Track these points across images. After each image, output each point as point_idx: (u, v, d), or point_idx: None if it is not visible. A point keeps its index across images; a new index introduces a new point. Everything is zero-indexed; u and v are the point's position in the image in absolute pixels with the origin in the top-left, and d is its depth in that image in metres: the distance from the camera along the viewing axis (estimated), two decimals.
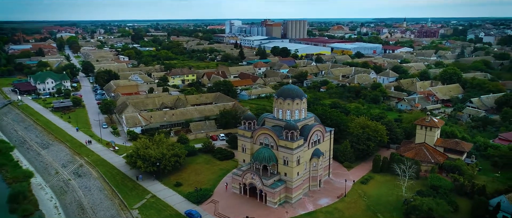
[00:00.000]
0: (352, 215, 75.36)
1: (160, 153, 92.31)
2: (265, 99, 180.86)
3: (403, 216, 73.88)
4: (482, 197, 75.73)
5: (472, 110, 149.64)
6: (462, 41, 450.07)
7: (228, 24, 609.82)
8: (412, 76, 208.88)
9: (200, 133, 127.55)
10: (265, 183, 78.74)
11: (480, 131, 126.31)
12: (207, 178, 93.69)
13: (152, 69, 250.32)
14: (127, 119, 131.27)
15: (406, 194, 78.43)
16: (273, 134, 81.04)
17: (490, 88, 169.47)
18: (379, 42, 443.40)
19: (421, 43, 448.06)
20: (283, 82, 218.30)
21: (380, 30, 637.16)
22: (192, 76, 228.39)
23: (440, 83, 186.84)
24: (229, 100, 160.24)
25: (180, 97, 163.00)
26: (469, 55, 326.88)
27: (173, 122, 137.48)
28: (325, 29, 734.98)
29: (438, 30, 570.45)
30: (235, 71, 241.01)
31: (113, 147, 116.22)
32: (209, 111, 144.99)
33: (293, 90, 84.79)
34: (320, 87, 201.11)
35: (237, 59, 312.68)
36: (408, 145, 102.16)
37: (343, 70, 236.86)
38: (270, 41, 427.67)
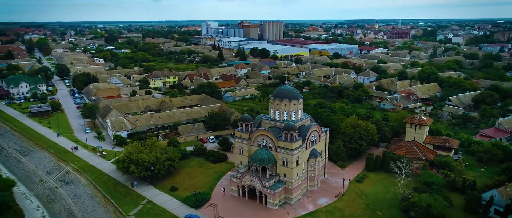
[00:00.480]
0: (352, 213, 76.34)
1: (153, 157, 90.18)
2: (250, 100, 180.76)
3: (401, 213, 75.54)
4: (474, 191, 78.56)
5: (451, 107, 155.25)
6: (432, 42, 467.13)
7: (204, 26, 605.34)
8: (391, 76, 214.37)
9: (189, 135, 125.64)
10: (265, 184, 78.47)
11: (461, 128, 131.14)
12: (203, 181, 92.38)
13: (131, 72, 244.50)
14: (112, 123, 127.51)
15: (403, 191, 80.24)
16: (271, 135, 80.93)
17: (466, 87, 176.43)
18: (354, 43, 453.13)
19: (394, 43, 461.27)
20: (266, 83, 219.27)
21: (354, 31, 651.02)
22: (173, 78, 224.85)
23: (419, 83, 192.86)
24: (215, 102, 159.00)
25: (164, 99, 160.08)
26: (440, 55, 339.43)
27: (160, 125, 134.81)
28: (300, 30, 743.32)
29: (409, 31, 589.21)
30: (217, 73, 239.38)
31: (101, 152, 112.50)
32: (196, 113, 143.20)
33: (290, 91, 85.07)
34: (303, 88, 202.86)
35: (216, 60, 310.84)
36: (398, 143, 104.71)
37: (324, 71, 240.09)
38: (248, 42, 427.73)
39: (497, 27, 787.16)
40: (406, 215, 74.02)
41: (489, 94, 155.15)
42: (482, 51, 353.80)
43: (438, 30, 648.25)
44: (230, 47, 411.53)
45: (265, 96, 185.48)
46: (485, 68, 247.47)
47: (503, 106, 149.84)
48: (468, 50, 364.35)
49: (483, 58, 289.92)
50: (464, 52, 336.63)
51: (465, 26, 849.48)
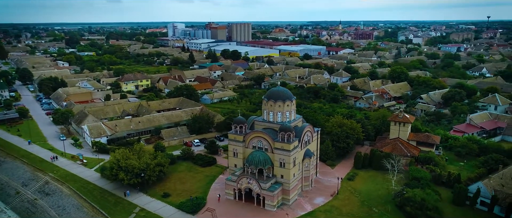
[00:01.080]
0: (350, 211, 77.72)
1: (143, 163, 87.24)
2: (228, 102, 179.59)
3: (396, 208, 77.88)
4: (460, 185, 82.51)
5: (423, 105, 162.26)
6: (395, 43, 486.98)
7: (171, 27, 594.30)
8: (363, 76, 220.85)
9: (172, 139, 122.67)
10: (263, 186, 78.11)
11: (435, 124, 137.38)
12: (195, 186, 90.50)
13: (101, 75, 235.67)
14: (90, 129, 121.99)
15: (396, 187, 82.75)
16: (267, 137, 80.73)
17: (434, 85, 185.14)
18: (321, 44, 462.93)
19: (359, 44, 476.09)
20: (242, 85, 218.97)
21: (319, 32, 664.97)
22: (146, 81, 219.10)
23: (390, 82, 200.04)
24: (195, 104, 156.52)
25: (142, 103, 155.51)
26: (404, 55, 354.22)
27: (140, 129, 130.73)
28: (266, 31, 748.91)
29: (372, 33, 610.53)
30: (191, 75, 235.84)
31: (81, 160, 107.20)
32: (177, 117, 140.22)
33: (283, 92, 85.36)
34: None
35: (187, 63, 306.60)
36: (382, 140, 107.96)
37: (298, 72, 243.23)
38: (217, 44, 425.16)
39: (450, 28, 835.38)
40: (401, 210, 76.41)
41: (457, 92, 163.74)
42: (441, 51, 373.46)
43: (398, 31, 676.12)
44: (199, 49, 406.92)
45: (243, 98, 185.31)
46: (447, 67, 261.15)
47: (470, 103, 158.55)
48: (428, 50, 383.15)
49: (444, 57, 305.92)
50: (425, 52, 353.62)
51: (422, 27, 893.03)
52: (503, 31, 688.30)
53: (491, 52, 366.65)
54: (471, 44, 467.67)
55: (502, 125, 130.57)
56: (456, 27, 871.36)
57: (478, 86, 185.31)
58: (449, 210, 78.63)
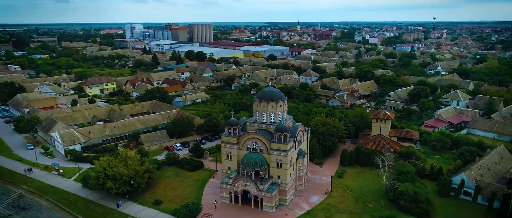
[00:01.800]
0: (347, 208, 79.24)
1: (132, 170, 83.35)
2: (201, 104, 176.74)
3: (389, 202, 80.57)
4: (445, 177, 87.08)
5: (392, 102, 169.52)
6: (353, 43, 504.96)
7: (129, 29, 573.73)
8: (331, 75, 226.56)
9: (153, 144, 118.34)
10: (261, 188, 77.54)
11: (407, 120, 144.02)
12: (186, 191, 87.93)
13: (60, 79, 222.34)
14: (62, 137, 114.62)
15: (387, 182, 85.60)
16: (263, 138, 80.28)
17: (399, 83, 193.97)
18: (284, 44, 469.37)
19: (319, 45, 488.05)
20: (212, 86, 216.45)
21: (279, 33, 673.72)
22: (112, 85, 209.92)
23: (358, 81, 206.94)
24: (170, 108, 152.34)
25: (113, 108, 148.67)
26: (363, 55, 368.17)
27: (116, 135, 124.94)
28: (227, 32, 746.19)
29: (330, 33, 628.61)
30: (158, 78, 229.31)
31: (57, 170, 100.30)
32: (153, 121, 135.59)
33: (275, 92, 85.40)
34: (250, 89, 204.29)
35: (151, 65, 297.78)
36: (365, 137, 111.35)
37: (267, 72, 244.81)
38: (180, 45, 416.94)
39: (400, 29, 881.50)
40: (395, 204, 79.17)
41: (423, 89, 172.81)
42: (397, 51, 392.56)
43: (354, 32, 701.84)
44: (162, 51, 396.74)
45: (217, 99, 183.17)
46: (406, 66, 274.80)
47: (434, 99, 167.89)
48: (385, 50, 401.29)
49: (401, 57, 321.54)
50: (383, 52, 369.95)
51: (375, 28, 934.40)
52: (448, 32, 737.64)
53: (441, 51, 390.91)
54: (422, 43, 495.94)
55: (467, 119, 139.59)
56: (406, 28, 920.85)
57: (438, 84, 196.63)
58: (436, 201, 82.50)
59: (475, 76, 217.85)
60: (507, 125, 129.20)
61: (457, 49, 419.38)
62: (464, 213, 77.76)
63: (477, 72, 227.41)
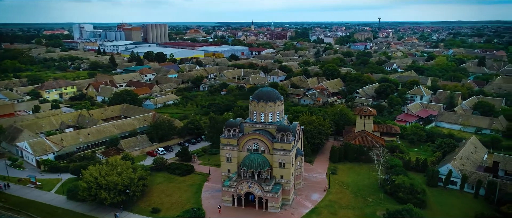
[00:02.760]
0: (348, 204, 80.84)
1: (127, 178, 78.72)
2: (173, 106, 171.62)
3: (387, 195, 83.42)
4: (432, 168, 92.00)
5: (361, 99, 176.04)
6: (309, 42, 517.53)
7: (77, 29, 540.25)
8: (297, 74, 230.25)
9: (134, 150, 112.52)
10: (266, 189, 76.79)
11: (380, 116, 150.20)
12: (184, 197, 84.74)
13: (11, 84, 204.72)
14: (32, 146, 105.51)
15: (382, 176, 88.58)
16: (264, 138, 79.55)
17: (365, 80, 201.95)
18: (241, 44, 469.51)
19: (276, 44, 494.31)
20: (180, 88, 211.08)
21: (235, 33, 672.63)
22: (71, 89, 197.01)
23: (325, 79, 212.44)
24: (143, 111, 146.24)
25: (82, 113, 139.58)
26: (322, 54, 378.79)
27: (91, 142, 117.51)
28: (180, 33, 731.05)
29: (286, 33, 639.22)
30: (121, 80, 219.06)
31: (34, 182, 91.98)
32: (129, 125, 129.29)
33: (272, 92, 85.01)
34: (220, 90, 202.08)
35: (108, 67, 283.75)
36: (349, 134, 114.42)
37: (233, 72, 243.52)
38: (136, 46, 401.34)
39: (349, 29, 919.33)
40: (393, 196, 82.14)
41: (389, 85, 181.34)
42: (352, 50, 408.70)
43: (308, 31, 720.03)
44: (117, 52, 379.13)
45: (189, 101, 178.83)
46: (363, 64, 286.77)
47: (400, 95, 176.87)
48: (341, 49, 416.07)
49: (358, 55, 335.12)
50: (340, 51, 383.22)
51: (325, 28, 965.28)
52: (393, 31, 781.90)
53: (392, 49, 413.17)
54: (373, 43, 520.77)
55: (434, 113, 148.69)
56: (354, 28, 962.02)
57: (399, 80, 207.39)
58: (426, 191, 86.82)
59: (430, 73, 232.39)
60: (470, 117, 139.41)
61: (405, 47, 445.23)
62: (454, 201, 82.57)
63: (431, 69, 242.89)
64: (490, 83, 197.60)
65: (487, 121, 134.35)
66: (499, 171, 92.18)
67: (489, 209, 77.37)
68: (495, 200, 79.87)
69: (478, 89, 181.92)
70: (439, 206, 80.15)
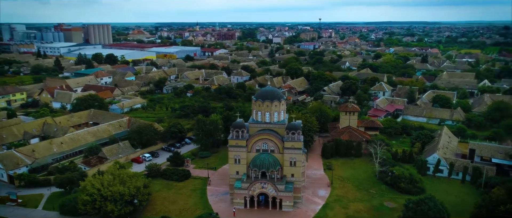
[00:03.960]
0: (355, 197, 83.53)
1: (133, 187, 73.87)
2: (142, 110, 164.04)
3: (388, 186, 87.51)
4: (421, 157, 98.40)
5: (329, 96, 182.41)
6: (258, 42, 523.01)
7: (7, 29, 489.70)
8: (260, 74, 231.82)
9: (118, 157, 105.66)
10: (280, 188, 76.70)
11: None
12: (190, 203, 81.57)
13: None
14: (2, 160, 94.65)
15: (380, 169, 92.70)
16: (274, 138, 79.36)
17: (328, 78, 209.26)
18: (191, 45, 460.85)
19: (226, 45, 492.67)
20: (142, 90, 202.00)
21: (181, 34, 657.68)
22: (21, 95, 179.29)
23: (290, 78, 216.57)
24: (114, 116, 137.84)
25: (48, 121, 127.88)
26: (275, 53, 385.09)
27: (66, 152, 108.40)
28: (122, 33, 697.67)
29: (234, 33, 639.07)
30: (75, 84, 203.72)
31: (15, 200, 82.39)
32: (104, 132, 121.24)
33: (276, 92, 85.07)
34: (186, 91, 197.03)
35: (54, 70, 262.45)
36: (335, 130, 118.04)
37: (195, 73, 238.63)
38: (80, 47, 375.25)
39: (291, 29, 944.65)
40: (394, 187, 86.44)
41: (353, 82, 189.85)
42: (302, 49, 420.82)
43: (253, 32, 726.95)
44: (60, 54, 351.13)
45: (157, 104, 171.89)
46: (318, 63, 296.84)
47: (365, 91, 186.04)
48: (291, 49, 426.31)
49: (312, 54, 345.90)
50: (292, 50, 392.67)
51: (269, 28, 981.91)
52: (334, 32, 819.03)
53: (339, 49, 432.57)
54: (320, 42, 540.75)
55: (399, 107, 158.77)
56: (296, 28, 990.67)
57: (359, 77, 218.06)
58: None
59: (383, 70, 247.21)
60: (433, 110, 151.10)
61: (350, 46, 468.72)
62: (445, 187, 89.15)
63: (383, 66, 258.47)
64: (438, 78, 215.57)
65: (448, 112, 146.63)
66: (475, 157, 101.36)
67: (478, 193, 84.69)
68: (482, 184, 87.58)
69: (431, 84, 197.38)
70: (434, 192, 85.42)
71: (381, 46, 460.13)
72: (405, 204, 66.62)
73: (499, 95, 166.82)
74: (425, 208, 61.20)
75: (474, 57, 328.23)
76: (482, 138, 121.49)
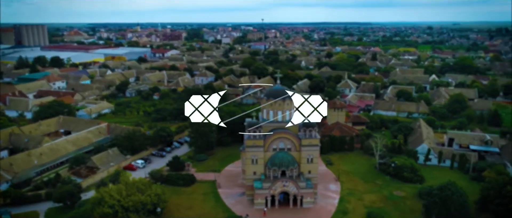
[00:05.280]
0: (366, 190, 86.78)
1: (154, 195, 69.85)
2: (111, 115, 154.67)
3: (390, 177, 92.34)
4: (410, 147, 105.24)
5: None
6: (208, 43, 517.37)
7: None
8: (225, 75, 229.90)
9: (110, 166, 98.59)
10: (301, 185, 77.49)
11: None
12: (208, 207, 79.21)
13: None
14: None
15: (381, 160, 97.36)
16: (291, 136, 79.91)
17: (294, 77, 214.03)
18: (138, 46, 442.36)
19: (174, 45, 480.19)
20: (105, 94, 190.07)
21: (124, 35, 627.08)
22: None
23: (257, 78, 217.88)
24: (88, 123, 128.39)
25: (14, 131, 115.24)
26: (229, 54, 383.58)
27: (47, 164, 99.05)
28: (56, 34, 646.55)
29: (181, 33, 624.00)
30: (26, 90, 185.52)
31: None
32: (85, 140, 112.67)
33: (287, 90, 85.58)
34: (152, 94, 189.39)
35: None
36: (324, 126, 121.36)
37: (157, 76, 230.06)
38: (15, 50, 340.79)
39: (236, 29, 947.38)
40: (396, 177, 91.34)
41: (320, 80, 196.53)
42: (254, 49, 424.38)
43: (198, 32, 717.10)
44: None
45: (126, 108, 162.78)
46: (275, 62, 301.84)
47: (333, 89, 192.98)
48: (243, 49, 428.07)
49: (267, 54, 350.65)
50: (245, 51, 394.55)
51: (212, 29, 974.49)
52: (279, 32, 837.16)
53: (289, 48, 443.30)
54: (269, 42, 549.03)
55: (369, 102, 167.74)
56: (239, 28, 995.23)
57: (322, 75, 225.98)
58: None
59: (340, 68, 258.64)
60: (400, 104, 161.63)
61: (298, 46, 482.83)
62: (438, 174, 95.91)
63: (340, 65, 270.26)
64: (393, 74, 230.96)
65: (414, 106, 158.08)
66: (454, 145, 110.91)
67: (468, 177, 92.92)
68: (470, 169, 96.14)
69: (390, 80, 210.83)
70: (432, 179, 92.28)
71: (327, 45, 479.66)
72: (427, 191, 71.10)
73: (452, 89, 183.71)
74: (449, 193, 65.98)
75: (412, 55, 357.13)
76: (449, 128, 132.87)
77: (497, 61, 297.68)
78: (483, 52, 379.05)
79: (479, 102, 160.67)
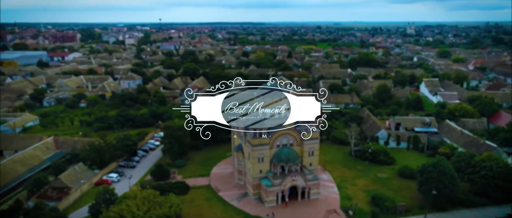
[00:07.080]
0: (353, 175, 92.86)
1: (176, 206, 64.52)
2: (40, 127, 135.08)
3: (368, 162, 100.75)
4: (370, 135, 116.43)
5: None
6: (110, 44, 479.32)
7: None
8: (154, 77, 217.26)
9: (81, 184, 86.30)
10: (309, 178, 79.87)
11: None
12: (219, 212, 76.14)
13: None
14: None
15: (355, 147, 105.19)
16: (294, 131, 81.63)
17: (231, 76, 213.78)
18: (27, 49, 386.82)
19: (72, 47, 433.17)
20: (19, 105, 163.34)
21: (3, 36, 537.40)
22: None
23: (189, 78, 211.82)
24: (26, 139, 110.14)
25: None
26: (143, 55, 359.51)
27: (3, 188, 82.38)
28: None
29: (75, 34, 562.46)
30: None
31: None
32: (33, 158, 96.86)
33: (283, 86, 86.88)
34: (79, 101, 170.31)
35: None
36: None
37: (74, 81, 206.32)
38: None
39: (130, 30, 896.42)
40: (373, 161, 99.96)
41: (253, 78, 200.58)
42: (164, 49, 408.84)
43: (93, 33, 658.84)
44: None
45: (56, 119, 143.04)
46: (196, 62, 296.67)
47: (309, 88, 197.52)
48: (153, 50, 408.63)
49: (184, 55, 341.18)
50: (157, 52, 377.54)
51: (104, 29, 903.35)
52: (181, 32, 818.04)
53: (200, 48, 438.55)
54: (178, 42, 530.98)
55: None
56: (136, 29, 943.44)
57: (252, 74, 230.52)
58: None
59: (264, 66, 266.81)
60: (336, 96, 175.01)
61: (207, 46, 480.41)
62: (399, 154, 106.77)
63: (263, 63, 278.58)
64: (317, 70, 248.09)
65: (348, 97, 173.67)
66: (400, 129, 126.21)
67: (425, 155, 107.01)
68: (425, 148, 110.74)
69: (319, 75, 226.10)
70: (401, 160, 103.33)
71: (237, 45, 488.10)
72: (421, 169, 79.88)
73: (372, 81, 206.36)
74: (441, 169, 75.72)
75: (318, 52, 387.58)
76: (385, 115, 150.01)
77: (390, 56, 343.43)
78: (375, 48, 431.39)
79: (399, 91, 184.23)
